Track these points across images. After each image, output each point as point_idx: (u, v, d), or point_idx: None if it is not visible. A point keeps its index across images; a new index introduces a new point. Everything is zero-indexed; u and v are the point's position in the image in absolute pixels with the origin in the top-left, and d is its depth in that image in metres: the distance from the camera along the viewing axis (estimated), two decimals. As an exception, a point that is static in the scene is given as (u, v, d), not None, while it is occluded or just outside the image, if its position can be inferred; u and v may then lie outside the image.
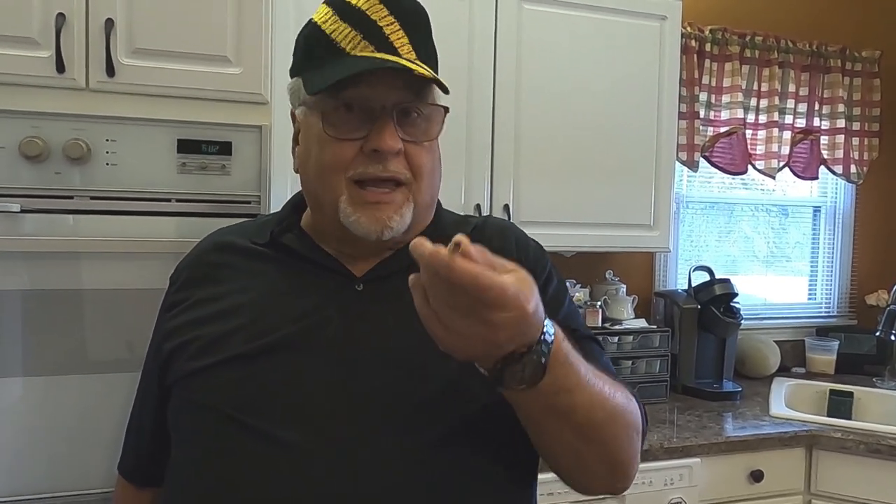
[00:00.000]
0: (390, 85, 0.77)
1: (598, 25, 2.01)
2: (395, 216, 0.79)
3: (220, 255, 0.89)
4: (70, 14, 1.29)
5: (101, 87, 1.32)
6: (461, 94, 1.86)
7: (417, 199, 0.81)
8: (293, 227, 0.89)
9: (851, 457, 1.91)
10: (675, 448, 1.80)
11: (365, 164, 0.78)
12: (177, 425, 0.83)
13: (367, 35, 0.78)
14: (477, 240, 0.84)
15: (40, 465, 1.32)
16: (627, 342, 2.20)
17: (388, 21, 0.79)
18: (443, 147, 0.90)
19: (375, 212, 0.79)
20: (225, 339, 0.79)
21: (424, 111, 0.81)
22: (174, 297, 0.89)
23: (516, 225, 0.98)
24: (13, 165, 1.28)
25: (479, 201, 1.90)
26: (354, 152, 0.78)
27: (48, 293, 1.32)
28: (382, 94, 0.77)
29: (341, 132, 0.79)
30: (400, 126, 0.79)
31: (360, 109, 0.78)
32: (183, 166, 1.36)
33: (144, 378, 0.94)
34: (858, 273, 2.90)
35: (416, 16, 0.83)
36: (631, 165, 2.09)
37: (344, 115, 0.79)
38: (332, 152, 0.79)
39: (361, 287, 0.83)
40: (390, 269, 0.83)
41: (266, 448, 0.74)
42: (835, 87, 2.66)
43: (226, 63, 1.39)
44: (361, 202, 0.79)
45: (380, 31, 0.79)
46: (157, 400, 0.88)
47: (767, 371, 2.54)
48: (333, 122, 0.79)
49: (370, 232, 0.79)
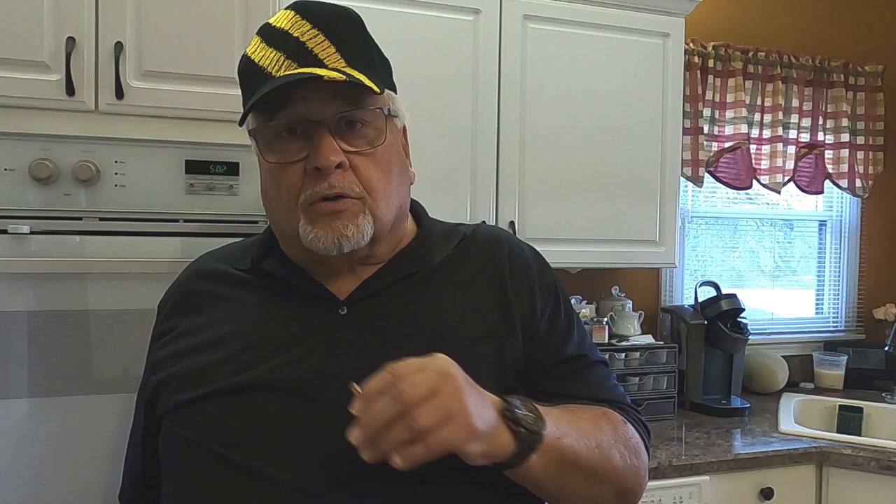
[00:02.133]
0: (322, 98, 0.75)
1: (601, 43, 2.03)
2: (350, 225, 0.76)
3: (203, 282, 0.88)
4: (80, 38, 1.31)
5: (110, 110, 1.34)
6: (466, 112, 1.87)
7: (376, 213, 0.78)
8: (274, 252, 0.86)
9: (863, 474, 1.89)
10: (683, 466, 1.79)
11: (311, 184, 0.75)
12: (165, 460, 0.82)
13: (291, 54, 0.76)
14: (466, 254, 0.85)
15: (46, 485, 1.32)
16: (634, 358, 2.19)
17: (312, 34, 0.77)
18: (448, 164, 0.89)
19: (330, 222, 0.76)
20: (208, 373, 0.78)
21: (367, 118, 0.78)
22: (161, 326, 0.88)
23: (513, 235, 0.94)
24: (23, 187, 1.29)
25: (484, 218, 1.91)
26: (301, 175, 0.76)
27: (55, 314, 1.32)
28: (316, 108, 0.75)
29: (283, 156, 0.76)
30: (344, 138, 0.76)
31: (301, 132, 0.76)
32: (191, 187, 1.37)
33: (136, 408, 0.93)
34: (866, 287, 2.88)
35: (343, 23, 0.79)
36: (636, 181, 2.09)
37: (286, 140, 0.77)
38: (282, 182, 0.77)
39: (345, 311, 0.80)
40: (373, 289, 0.81)
41: (252, 485, 0.72)
42: (838, 101, 2.66)
43: (233, 84, 1.38)
44: (316, 215, 0.76)
45: (303, 46, 0.76)
46: (146, 432, 0.87)
47: (776, 387, 2.52)
48: (276, 149, 0.77)
49: (328, 245, 0.76)
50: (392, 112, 0.81)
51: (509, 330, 0.81)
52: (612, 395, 0.87)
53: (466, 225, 0.93)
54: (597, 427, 0.77)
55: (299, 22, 0.77)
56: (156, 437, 0.83)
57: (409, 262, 0.84)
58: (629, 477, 0.77)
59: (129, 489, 0.96)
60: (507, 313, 0.82)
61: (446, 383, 0.62)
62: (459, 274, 0.84)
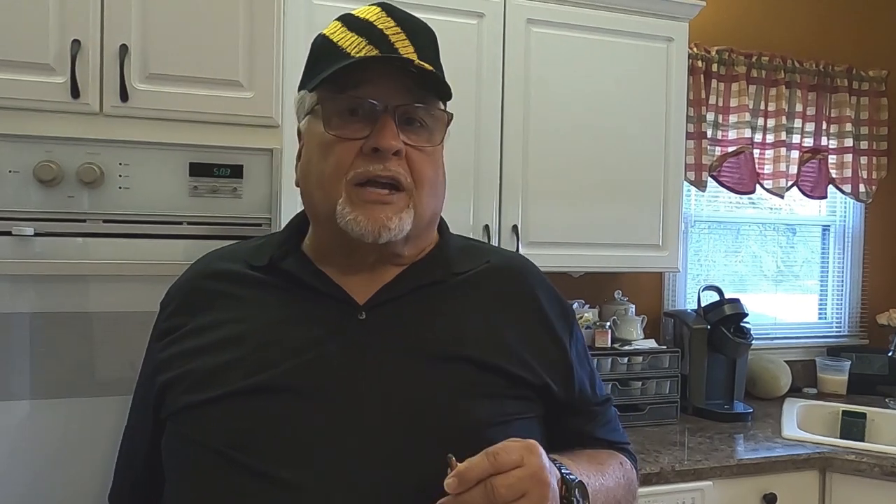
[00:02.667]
0: (393, 87, 0.77)
1: (605, 47, 2.03)
2: (394, 217, 0.76)
3: (212, 281, 0.85)
4: (85, 40, 1.31)
5: (114, 112, 1.34)
6: (470, 115, 1.87)
7: (418, 209, 0.79)
8: (293, 251, 0.85)
9: (866, 480, 1.88)
10: (686, 471, 1.78)
11: (365, 164, 0.76)
12: (170, 461, 0.80)
13: (374, 42, 0.78)
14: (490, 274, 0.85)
15: (48, 487, 1.32)
16: (637, 363, 2.19)
17: (395, 31, 0.79)
18: (451, 168, 0.89)
19: (374, 211, 0.76)
20: (221, 374, 0.76)
21: (427, 119, 0.80)
22: (165, 324, 0.85)
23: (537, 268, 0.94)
24: (27, 189, 1.29)
25: (487, 222, 1.91)
26: (354, 153, 0.77)
27: (58, 316, 1.32)
28: (385, 94, 0.76)
29: (343, 133, 0.77)
30: (402, 130, 0.78)
31: (364, 114, 0.77)
32: (194, 189, 1.37)
33: (135, 409, 0.91)
34: (869, 292, 2.88)
35: (424, 32, 0.82)
36: (639, 185, 2.09)
37: (347, 118, 0.78)
38: (333, 155, 0.77)
39: (364, 316, 0.79)
40: (393, 295, 0.80)
41: (263, 489, 0.71)
42: (842, 106, 2.66)
43: (238, 87, 1.41)
44: (360, 201, 0.76)
45: (385, 38, 0.78)
46: (150, 433, 0.84)
47: (779, 392, 2.52)
48: (336, 126, 0.78)
49: (367, 232, 0.76)
50: (451, 115, 0.84)
51: (527, 358, 0.82)
52: (623, 439, 0.94)
53: (491, 246, 0.97)
54: (618, 485, 0.83)
55: (384, 18, 0.80)
56: (157, 439, 0.82)
57: (431, 269, 0.84)
58: None
59: (121, 491, 0.94)
60: (527, 341, 0.83)
61: (536, 489, 0.65)
62: (482, 292, 0.85)
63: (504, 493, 0.63)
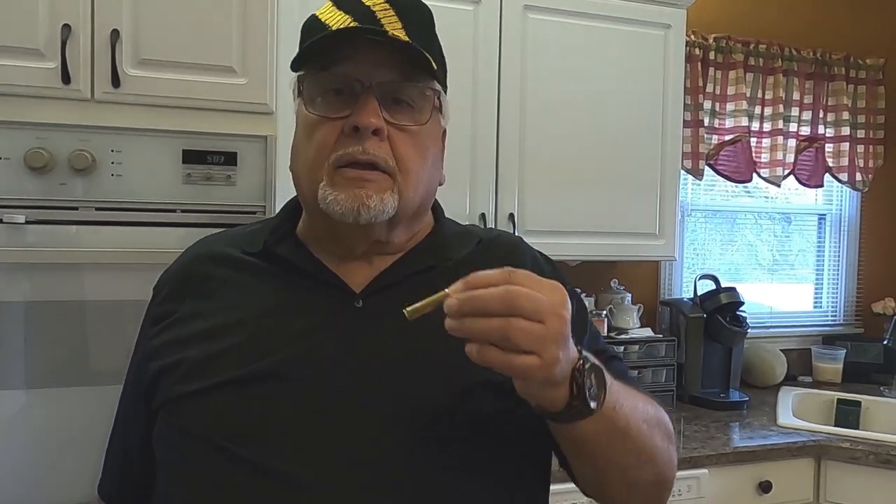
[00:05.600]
0: (376, 63, 0.74)
1: (602, 34, 2.01)
2: (374, 196, 0.74)
3: (208, 265, 0.83)
4: (76, 25, 1.30)
5: (106, 98, 1.32)
6: (466, 103, 1.86)
7: (403, 194, 0.76)
8: (288, 237, 0.83)
9: (861, 467, 1.89)
10: (682, 459, 1.78)
11: (344, 145, 0.74)
12: (163, 452, 0.77)
13: (358, 18, 0.75)
14: (485, 255, 0.83)
15: (43, 477, 1.31)
16: (633, 351, 2.19)
17: (383, 7, 0.76)
18: (447, 156, 0.88)
19: (354, 188, 0.74)
20: (215, 362, 0.74)
21: (417, 98, 0.77)
22: (158, 309, 0.83)
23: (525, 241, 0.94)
24: (18, 176, 1.28)
25: (483, 210, 1.90)
26: (336, 134, 0.75)
27: (51, 304, 1.31)
28: (367, 71, 0.74)
29: (326, 112, 0.75)
30: (388, 110, 0.75)
31: (349, 93, 0.75)
32: (188, 177, 1.36)
33: (127, 397, 0.88)
34: (864, 281, 2.88)
35: (416, 9, 0.79)
36: (636, 174, 2.08)
37: (332, 98, 0.76)
38: (316, 135, 0.76)
39: (361, 303, 0.77)
40: (390, 281, 0.79)
41: (260, 481, 0.69)
42: (839, 94, 2.65)
43: (231, 73, 1.39)
44: (340, 181, 0.74)
45: (372, 15, 0.75)
46: (143, 422, 0.82)
47: (774, 380, 2.52)
48: (319, 105, 0.76)
49: (346, 210, 0.73)
50: (440, 102, 0.81)
51: None
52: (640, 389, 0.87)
53: (479, 227, 0.93)
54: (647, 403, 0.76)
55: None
56: (150, 429, 0.80)
57: (426, 256, 0.82)
58: (666, 462, 0.76)
59: (111, 482, 0.91)
60: None
61: (555, 320, 0.60)
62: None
63: (523, 304, 0.58)
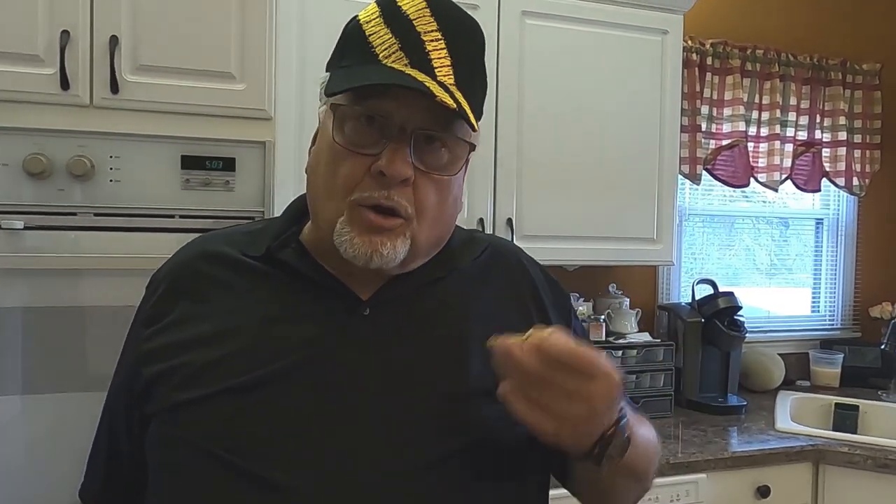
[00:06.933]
0: (417, 106, 0.69)
1: (600, 40, 2.02)
2: (388, 244, 0.71)
3: (207, 265, 0.79)
4: (75, 31, 1.30)
5: (105, 104, 1.33)
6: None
7: (415, 239, 0.73)
8: (292, 241, 0.80)
9: (859, 472, 1.89)
10: (680, 464, 1.79)
11: (370, 188, 0.71)
12: (156, 461, 0.74)
13: (407, 48, 0.71)
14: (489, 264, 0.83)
15: (41, 483, 1.31)
16: (631, 356, 2.19)
17: (434, 36, 0.72)
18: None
19: (371, 234, 0.71)
20: (214, 369, 0.71)
21: (450, 145, 0.73)
22: (153, 309, 0.79)
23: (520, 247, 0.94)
24: (17, 182, 1.28)
25: (482, 215, 1.90)
26: (363, 171, 0.71)
27: (49, 310, 1.31)
28: (406, 113, 0.70)
29: (353, 144, 0.71)
30: (418, 152, 0.71)
31: (380, 126, 0.70)
32: (186, 182, 1.36)
33: (114, 399, 0.84)
34: (862, 285, 2.89)
35: (468, 35, 0.75)
36: (633, 178, 2.09)
37: (362, 127, 0.71)
38: (343, 167, 0.72)
39: (367, 312, 0.75)
40: (398, 291, 0.77)
41: (261, 492, 0.67)
42: (836, 99, 2.66)
43: (229, 79, 1.40)
44: (360, 223, 0.71)
45: (421, 45, 0.71)
46: (134, 427, 0.79)
47: (772, 384, 2.53)
48: (347, 132, 0.71)
49: (358, 255, 0.71)
50: (475, 146, 0.78)
51: None
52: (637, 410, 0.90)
53: (480, 231, 0.92)
54: (648, 430, 0.81)
55: (426, 16, 0.73)
56: (141, 434, 0.77)
57: (435, 267, 0.80)
58: (652, 478, 0.82)
59: (95, 487, 0.88)
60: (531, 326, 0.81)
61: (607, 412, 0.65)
62: (483, 283, 0.82)
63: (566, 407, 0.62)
